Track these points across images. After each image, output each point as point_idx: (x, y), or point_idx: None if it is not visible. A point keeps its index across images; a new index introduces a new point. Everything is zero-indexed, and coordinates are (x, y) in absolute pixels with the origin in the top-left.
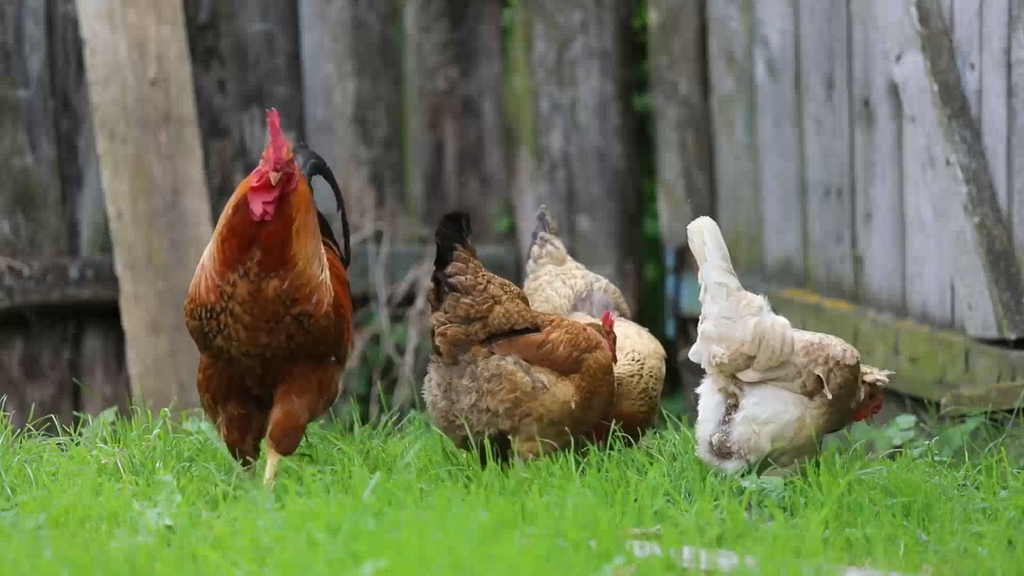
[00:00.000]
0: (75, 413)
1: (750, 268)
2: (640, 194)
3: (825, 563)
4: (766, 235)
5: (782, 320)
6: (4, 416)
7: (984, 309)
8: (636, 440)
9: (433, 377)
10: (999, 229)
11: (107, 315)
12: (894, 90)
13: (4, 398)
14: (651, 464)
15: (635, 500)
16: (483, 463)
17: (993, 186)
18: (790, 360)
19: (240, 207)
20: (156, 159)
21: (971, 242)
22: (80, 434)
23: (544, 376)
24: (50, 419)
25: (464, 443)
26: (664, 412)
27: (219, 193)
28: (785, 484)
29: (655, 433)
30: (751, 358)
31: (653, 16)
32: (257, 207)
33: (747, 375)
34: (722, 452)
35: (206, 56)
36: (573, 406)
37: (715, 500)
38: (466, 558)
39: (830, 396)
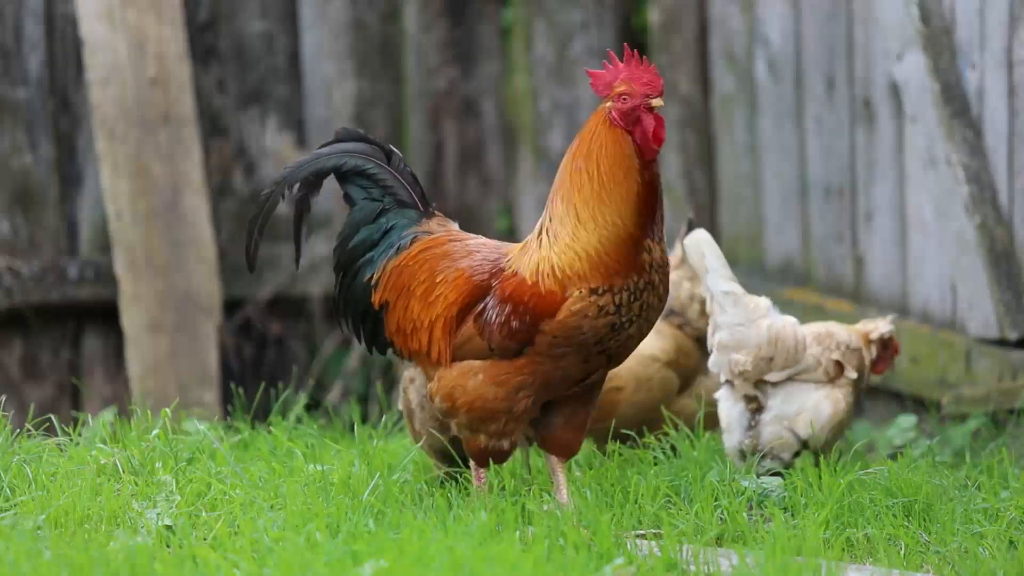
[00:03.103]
0: (74, 413)
1: (750, 268)
2: None
3: (825, 563)
4: (766, 235)
5: (790, 319)
6: (3, 416)
7: (985, 309)
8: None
9: None
10: (1000, 229)
11: (107, 315)
12: (895, 90)
13: (3, 398)
14: (654, 463)
15: (635, 501)
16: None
17: (994, 186)
18: (806, 353)
19: (641, 158)
20: (155, 159)
21: (972, 242)
22: (79, 434)
23: None
24: (49, 419)
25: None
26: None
27: (219, 193)
28: (785, 484)
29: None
30: (770, 360)
31: (654, 15)
32: (658, 142)
33: (772, 376)
34: (753, 456)
35: (206, 56)
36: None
37: (715, 500)
38: (466, 558)
39: (855, 375)
